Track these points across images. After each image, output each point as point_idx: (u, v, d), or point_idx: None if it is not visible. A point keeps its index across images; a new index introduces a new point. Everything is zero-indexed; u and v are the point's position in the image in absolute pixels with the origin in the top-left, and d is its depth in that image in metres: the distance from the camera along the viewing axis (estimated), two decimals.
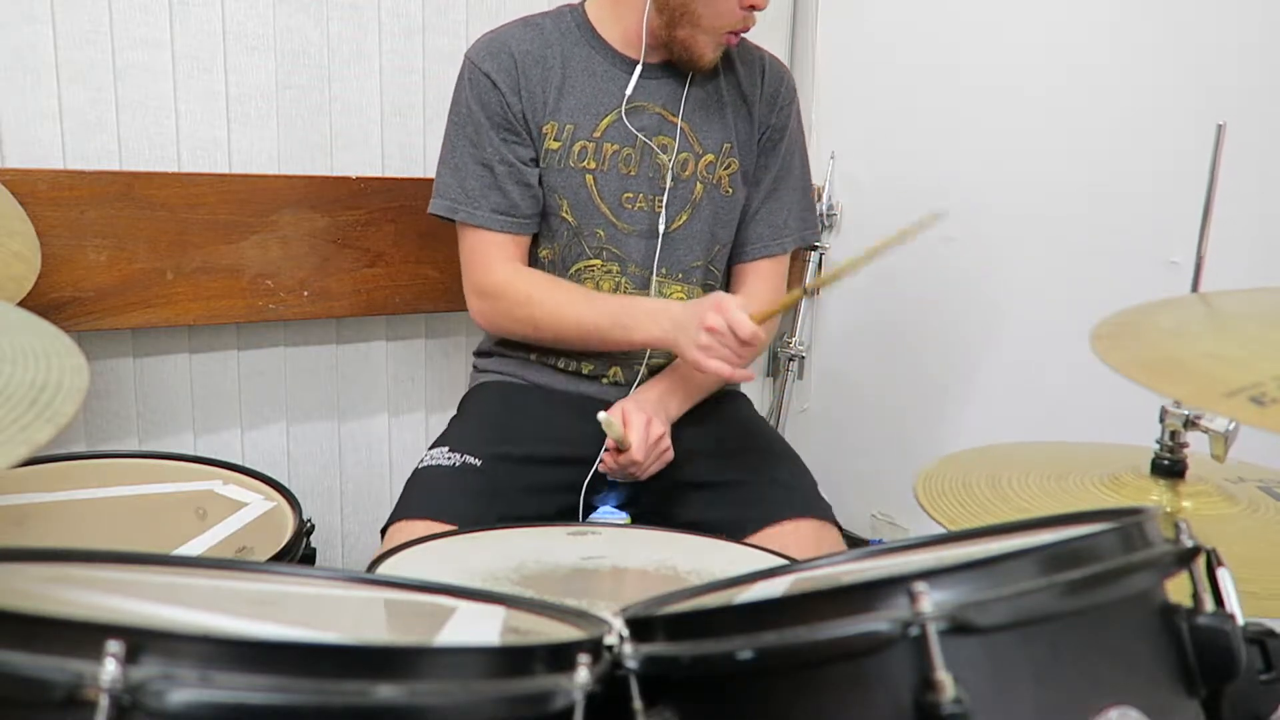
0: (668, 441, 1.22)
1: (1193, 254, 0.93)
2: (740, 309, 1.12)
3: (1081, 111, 1.54)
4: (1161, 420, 0.87)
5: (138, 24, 1.34)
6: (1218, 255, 0.92)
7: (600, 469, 1.23)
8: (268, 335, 1.53)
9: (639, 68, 1.27)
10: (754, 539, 1.18)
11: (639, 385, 1.31)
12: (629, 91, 1.27)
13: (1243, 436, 0.83)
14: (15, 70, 1.27)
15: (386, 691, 0.42)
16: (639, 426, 1.18)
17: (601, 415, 1.15)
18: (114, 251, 1.32)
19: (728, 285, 1.41)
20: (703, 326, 1.13)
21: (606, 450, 1.20)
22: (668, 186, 1.30)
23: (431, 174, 1.32)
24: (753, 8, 1.21)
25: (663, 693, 0.53)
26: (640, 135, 1.28)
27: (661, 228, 1.30)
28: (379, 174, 1.54)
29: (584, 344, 1.29)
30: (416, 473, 1.22)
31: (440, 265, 1.57)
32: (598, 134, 1.27)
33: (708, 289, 1.35)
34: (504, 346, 1.39)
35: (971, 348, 1.75)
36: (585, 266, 1.31)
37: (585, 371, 1.33)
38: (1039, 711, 0.47)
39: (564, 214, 1.29)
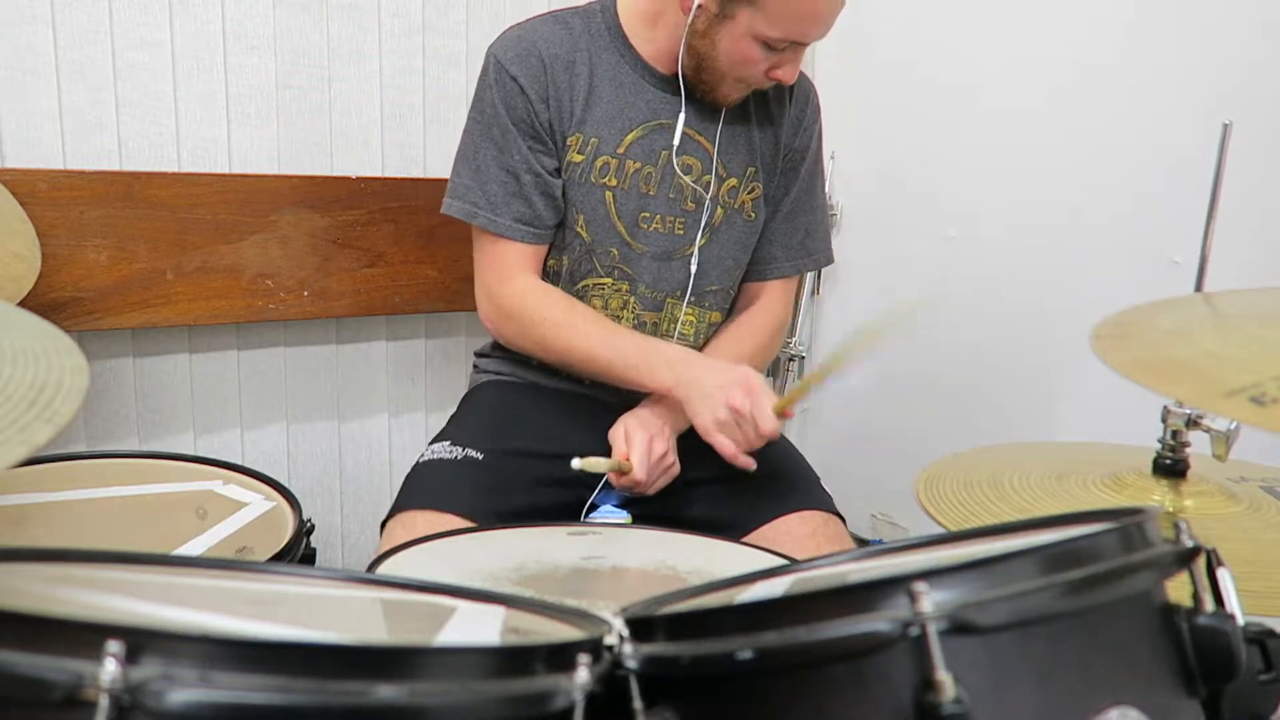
0: (672, 457, 1.20)
1: (1194, 254, 0.93)
2: (766, 395, 1.11)
3: (1083, 111, 1.54)
4: (1163, 420, 0.87)
5: (138, 24, 1.34)
6: (1220, 255, 0.92)
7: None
8: (268, 335, 1.53)
9: (681, 115, 1.23)
10: (759, 533, 1.19)
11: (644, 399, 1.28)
12: (676, 141, 1.23)
13: (1245, 436, 0.83)
14: (15, 70, 1.27)
15: (386, 691, 0.42)
16: (640, 445, 1.16)
17: (575, 462, 1.10)
18: (114, 251, 1.32)
19: (736, 302, 1.39)
20: (727, 404, 1.12)
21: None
22: (703, 212, 1.27)
23: (431, 174, 1.32)
24: (779, 82, 1.19)
25: (663, 693, 0.53)
26: (665, 155, 1.24)
27: (694, 264, 1.28)
28: (379, 174, 1.54)
29: (591, 376, 1.27)
30: (418, 466, 1.22)
31: (440, 265, 1.57)
32: (621, 150, 1.24)
33: (724, 313, 1.34)
34: (505, 348, 1.38)
35: (972, 347, 1.74)
36: (595, 284, 1.28)
37: (586, 381, 1.32)
38: (1039, 711, 0.47)
39: (579, 229, 1.26)
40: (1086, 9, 1.54)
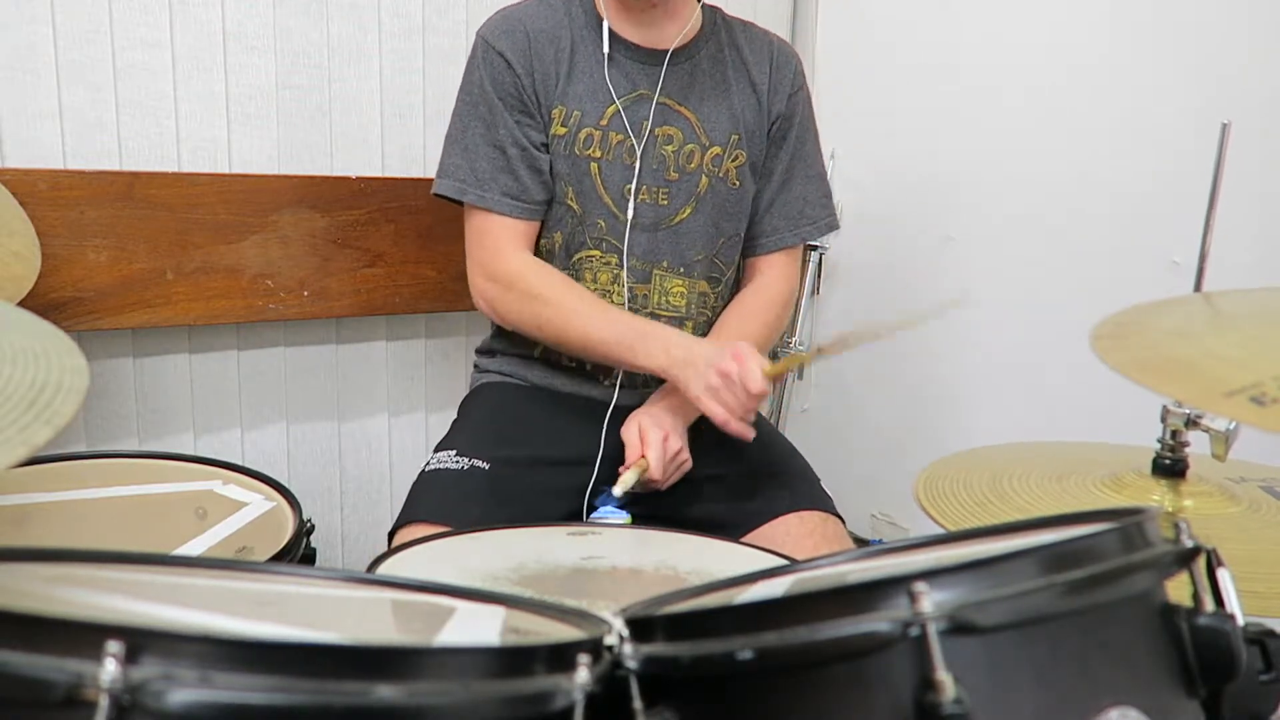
0: (686, 454, 1.21)
1: (1194, 254, 0.93)
2: (757, 362, 1.12)
3: (1083, 111, 1.54)
4: (1163, 420, 0.87)
5: (138, 24, 1.34)
6: (1219, 255, 0.92)
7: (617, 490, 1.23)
8: (268, 335, 1.53)
9: (605, 30, 1.25)
10: (759, 533, 1.19)
11: (652, 393, 1.29)
12: (605, 47, 1.25)
13: (1244, 436, 0.83)
14: (15, 70, 1.27)
15: (386, 691, 0.42)
16: (656, 444, 1.17)
17: (617, 490, 1.16)
18: (114, 251, 1.32)
19: (739, 278, 1.39)
20: (717, 369, 1.13)
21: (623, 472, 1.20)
22: (687, 180, 1.28)
23: (431, 174, 1.32)
24: None
25: (663, 693, 0.53)
26: (647, 125, 1.26)
27: (678, 230, 1.29)
28: (379, 174, 1.54)
29: (585, 355, 1.27)
30: (423, 476, 1.22)
31: (440, 265, 1.57)
32: (604, 122, 1.26)
33: (711, 282, 1.34)
34: (507, 343, 1.38)
35: (972, 348, 1.74)
36: (585, 256, 1.29)
37: (588, 368, 1.33)
38: (1039, 711, 0.47)
39: (569, 201, 1.27)
40: (1086, 10, 1.54)
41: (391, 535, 1.16)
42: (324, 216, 1.47)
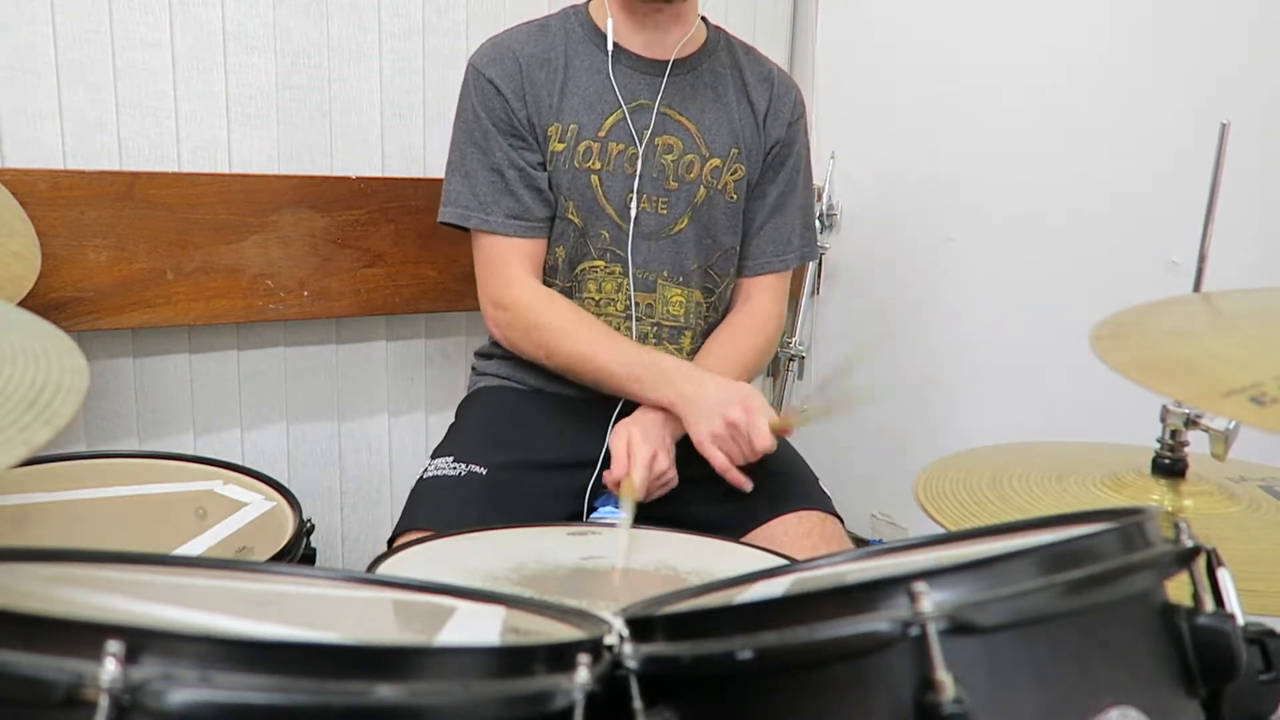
0: (672, 472, 1.21)
1: (1193, 254, 0.93)
2: (765, 416, 1.13)
3: (1082, 111, 1.54)
4: (1162, 419, 0.87)
5: (138, 24, 1.34)
6: (1218, 255, 0.92)
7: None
8: (268, 335, 1.53)
9: (610, 35, 1.26)
10: (758, 533, 1.19)
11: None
12: (610, 46, 1.25)
13: (1245, 435, 0.83)
14: (15, 70, 1.27)
15: (386, 691, 0.42)
16: (643, 462, 1.16)
17: (623, 517, 1.11)
18: (114, 251, 1.32)
19: (732, 294, 1.40)
20: (724, 419, 1.14)
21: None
22: (686, 190, 1.29)
23: (431, 174, 1.32)
24: None
25: (663, 693, 0.53)
26: (647, 134, 1.27)
27: (677, 241, 1.30)
28: (379, 174, 1.54)
29: (594, 385, 1.27)
30: (421, 483, 1.22)
31: (440, 265, 1.57)
32: (602, 133, 1.27)
33: (706, 293, 1.35)
34: (505, 350, 1.38)
35: (972, 348, 1.74)
36: (590, 267, 1.30)
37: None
38: (1039, 711, 0.47)
39: (570, 215, 1.28)
40: (1086, 10, 1.54)
41: (390, 543, 1.16)
42: (324, 216, 1.47)
